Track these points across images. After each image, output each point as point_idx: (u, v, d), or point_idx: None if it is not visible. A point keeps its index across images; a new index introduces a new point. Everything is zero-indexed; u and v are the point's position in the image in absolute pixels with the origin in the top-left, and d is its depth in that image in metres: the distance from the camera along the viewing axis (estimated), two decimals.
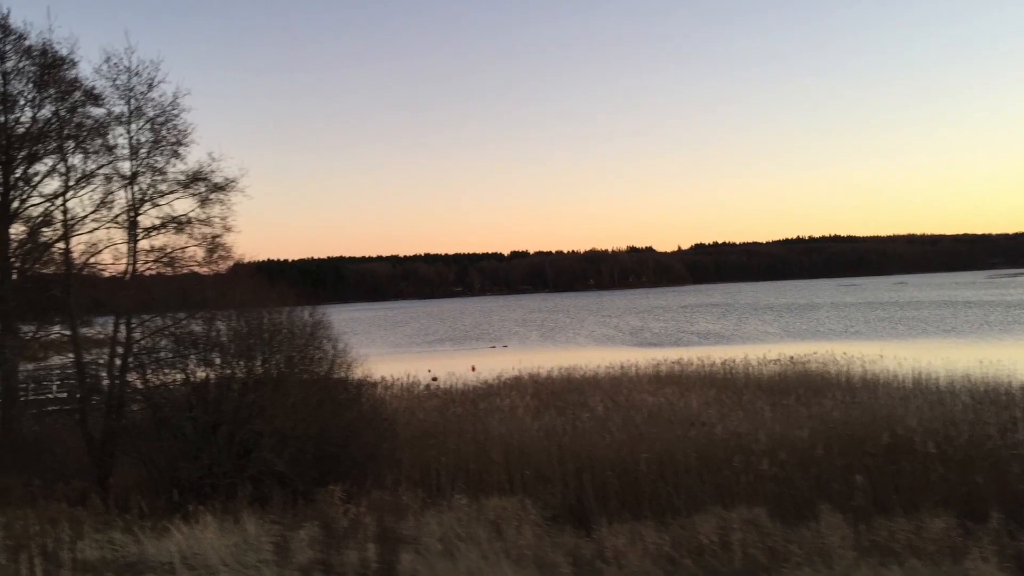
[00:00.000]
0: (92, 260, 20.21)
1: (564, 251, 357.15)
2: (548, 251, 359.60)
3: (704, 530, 11.23)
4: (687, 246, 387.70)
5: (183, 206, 20.28)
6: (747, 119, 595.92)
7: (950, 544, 10.24)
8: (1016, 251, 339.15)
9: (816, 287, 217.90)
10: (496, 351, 69.86)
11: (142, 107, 19.79)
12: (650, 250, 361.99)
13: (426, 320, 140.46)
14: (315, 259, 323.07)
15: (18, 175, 20.24)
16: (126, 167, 19.90)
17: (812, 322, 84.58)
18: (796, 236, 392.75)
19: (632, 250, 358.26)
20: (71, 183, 19.99)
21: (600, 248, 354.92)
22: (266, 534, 10.28)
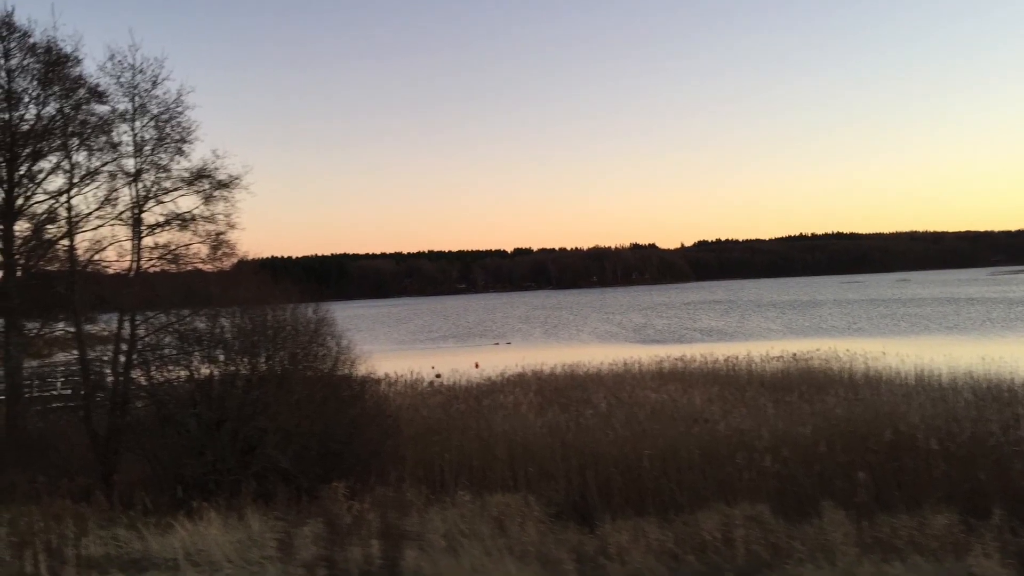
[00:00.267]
0: (96, 257, 20.24)
1: (567, 248, 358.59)
2: (551, 248, 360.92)
3: (707, 526, 11.24)
4: (690, 243, 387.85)
5: (187, 203, 20.31)
6: (750, 117, 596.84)
7: (952, 540, 10.25)
8: (1018, 248, 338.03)
9: (819, 284, 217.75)
10: (499, 348, 69.89)
11: (146, 104, 19.84)
12: (653, 247, 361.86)
13: (429, 317, 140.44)
14: (319, 256, 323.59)
15: (23, 172, 20.23)
16: (130, 164, 19.96)
17: (815, 319, 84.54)
18: (799, 233, 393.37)
19: (635, 247, 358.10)
20: (75, 180, 20.02)
21: (603, 245, 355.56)
22: (270, 531, 10.31)
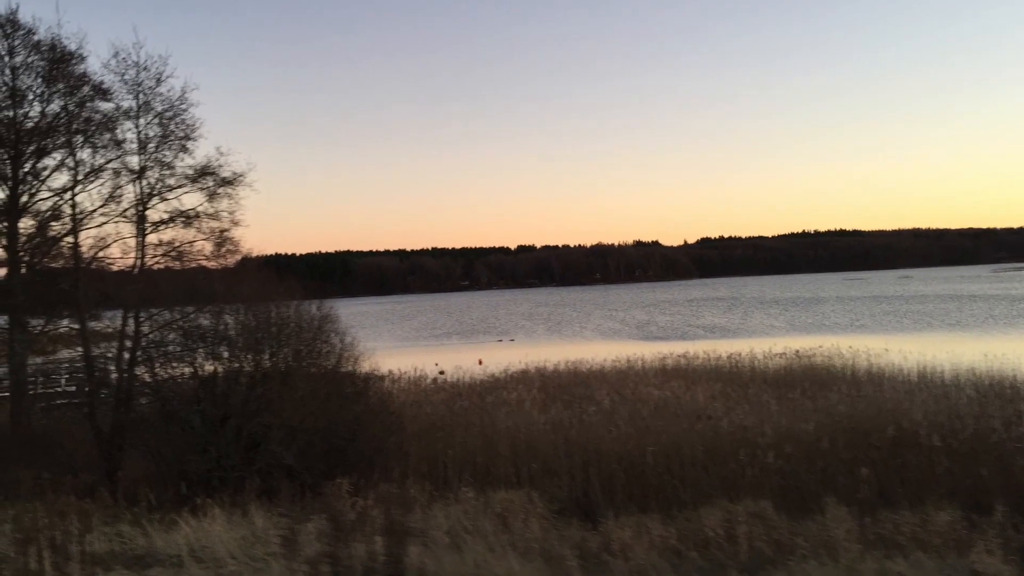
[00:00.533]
0: (101, 254, 20.35)
1: (571, 245, 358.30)
2: (555, 245, 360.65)
3: (710, 523, 11.25)
4: (693, 240, 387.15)
5: (191, 200, 20.38)
6: (754, 114, 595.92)
7: (955, 537, 10.25)
8: (1021, 245, 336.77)
9: (821, 281, 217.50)
10: (503, 345, 69.85)
11: (150, 102, 19.92)
12: (656, 244, 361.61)
13: (433, 314, 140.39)
14: (322, 253, 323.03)
15: (27, 169, 20.29)
16: (134, 162, 20.05)
17: (818, 316, 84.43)
18: (802, 230, 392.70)
19: (638, 244, 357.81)
20: (80, 177, 20.10)
21: (606, 242, 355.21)
22: (274, 527, 10.31)
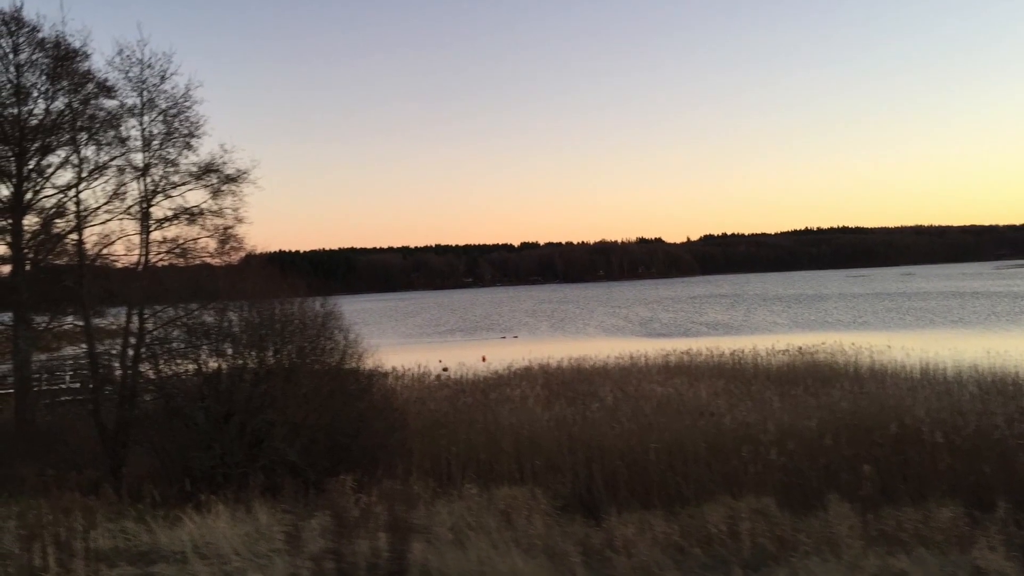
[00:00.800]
0: (105, 251, 20.33)
1: (574, 242, 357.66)
2: (558, 242, 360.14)
3: (713, 519, 11.27)
4: (696, 237, 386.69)
5: (195, 197, 20.40)
6: (756, 111, 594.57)
7: (957, 533, 10.27)
8: (1023, 242, 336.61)
9: (824, 278, 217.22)
10: (506, 342, 69.84)
11: (154, 99, 19.91)
12: (659, 241, 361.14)
13: (437, 311, 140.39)
14: (326, 250, 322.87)
15: (31, 167, 20.33)
16: (139, 159, 20.05)
17: (820, 313, 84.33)
18: (804, 227, 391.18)
19: (641, 241, 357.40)
20: (84, 175, 20.11)
21: (610, 239, 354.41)
22: (278, 523, 10.34)
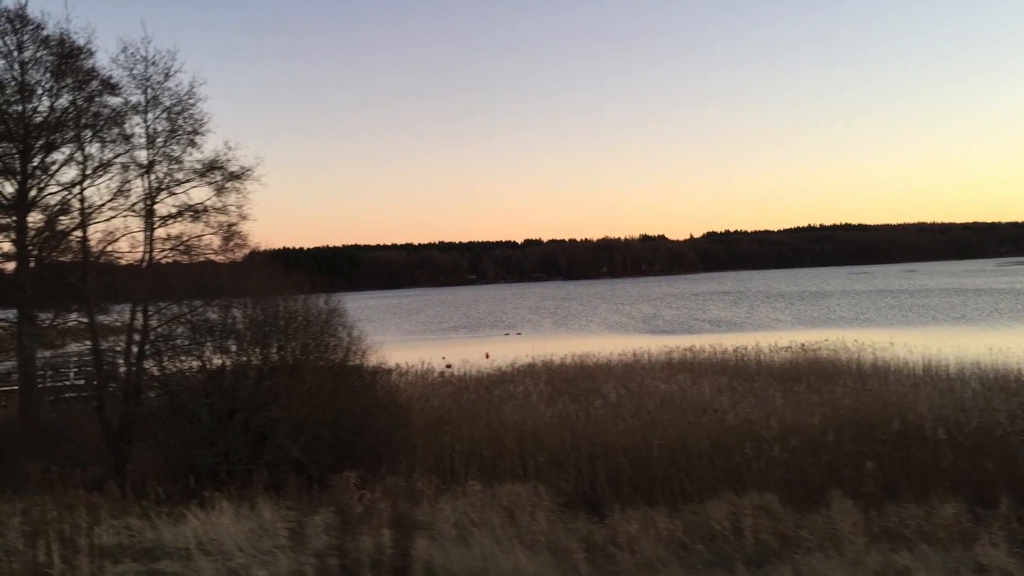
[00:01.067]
0: (109, 248, 20.36)
1: (577, 239, 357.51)
2: (561, 239, 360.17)
3: (716, 516, 11.30)
4: (699, 234, 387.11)
5: (199, 195, 20.41)
6: (759, 109, 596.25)
7: (960, 530, 10.30)
8: None
9: (827, 275, 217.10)
10: (510, 338, 69.92)
11: (159, 96, 19.92)
12: (663, 238, 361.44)
13: (440, 308, 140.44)
14: (330, 247, 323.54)
15: (36, 164, 20.34)
16: (143, 156, 20.06)
17: (823, 310, 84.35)
18: (807, 224, 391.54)
19: (645, 238, 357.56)
20: (88, 172, 20.13)
21: (613, 236, 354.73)
22: (281, 520, 10.37)
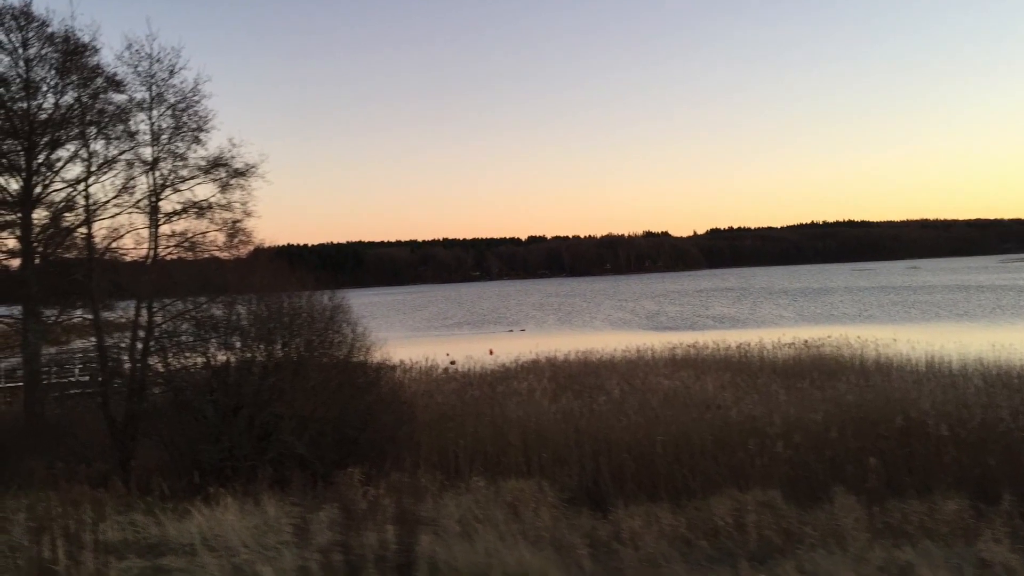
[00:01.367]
0: (114, 245, 20.45)
1: (581, 236, 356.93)
2: (565, 236, 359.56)
3: (719, 512, 11.34)
4: (702, 231, 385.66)
5: (204, 191, 20.48)
6: (762, 106, 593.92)
7: (963, 526, 10.34)
8: None
9: (830, 271, 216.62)
10: (514, 335, 69.96)
11: (163, 93, 19.99)
12: (666, 235, 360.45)
13: (444, 304, 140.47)
14: (334, 244, 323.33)
15: (41, 161, 20.39)
16: (147, 153, 20.13)
17: (826, 306, 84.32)
18: (810, 221, 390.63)
19: (648, 235, 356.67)
20: (93, 169, 20.20)
21: (617, 233, 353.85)
22: (286, 516, 10.38)
